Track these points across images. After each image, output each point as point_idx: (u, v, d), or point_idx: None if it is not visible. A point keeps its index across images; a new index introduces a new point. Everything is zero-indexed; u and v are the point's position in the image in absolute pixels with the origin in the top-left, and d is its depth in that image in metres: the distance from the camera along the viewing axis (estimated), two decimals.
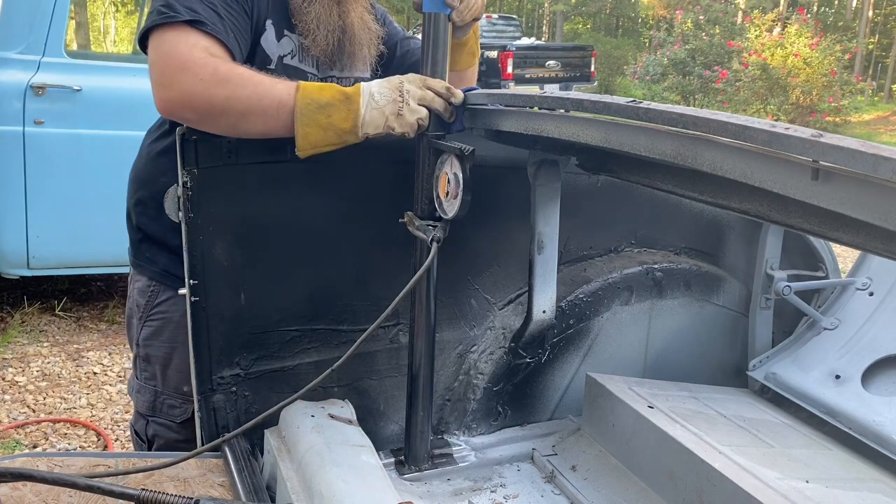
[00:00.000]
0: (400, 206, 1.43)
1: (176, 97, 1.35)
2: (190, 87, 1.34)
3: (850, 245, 0.89)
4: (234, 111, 1.34)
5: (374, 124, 1.34)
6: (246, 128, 1.37)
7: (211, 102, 1.33)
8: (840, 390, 1.70)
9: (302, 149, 1.35)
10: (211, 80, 1.33)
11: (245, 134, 1.38)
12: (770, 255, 1.84)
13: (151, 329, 1.69)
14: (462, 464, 1.58)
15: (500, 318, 1.74)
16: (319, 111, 1.34)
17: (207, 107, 1.34)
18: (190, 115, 1.36)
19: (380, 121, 1.34)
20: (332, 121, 1.34)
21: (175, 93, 1.35)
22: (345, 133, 1.35)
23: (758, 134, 0.83)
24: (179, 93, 1.34)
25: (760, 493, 1.27)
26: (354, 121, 1.34)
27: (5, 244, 3.79)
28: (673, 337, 1.82)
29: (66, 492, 1.22)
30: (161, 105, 1.39)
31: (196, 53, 1.35)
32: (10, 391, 3.51)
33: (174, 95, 1.35)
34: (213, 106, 1.34)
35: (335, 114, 1.34)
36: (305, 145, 1.35)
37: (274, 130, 1.36)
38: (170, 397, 1.68)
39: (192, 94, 1.33)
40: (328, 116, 1.34)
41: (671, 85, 16.18)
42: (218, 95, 1.33)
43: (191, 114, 1.36)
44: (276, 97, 1.34)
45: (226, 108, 1.34)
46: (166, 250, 1.62)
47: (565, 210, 1.57)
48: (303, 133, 1.34)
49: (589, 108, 1.11)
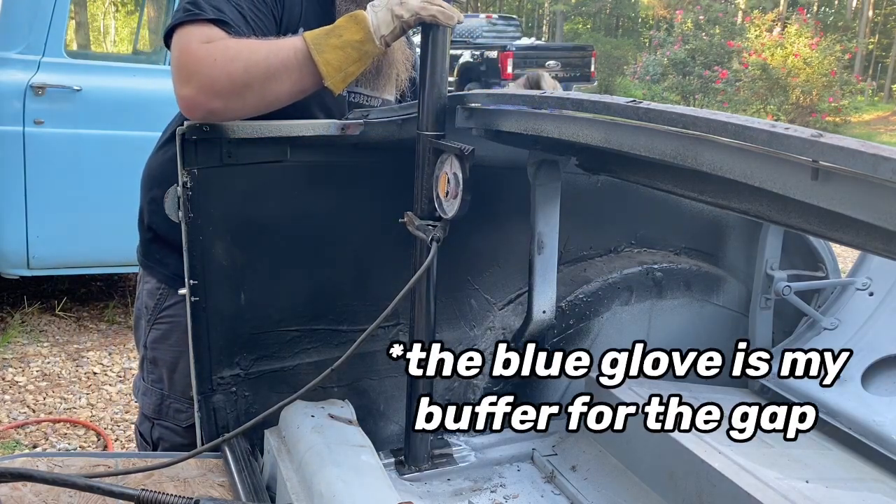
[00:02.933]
0: (400, 206, 1.43)
1: (197, 89, 1.33)
2: (207, 74, 1.32)
3: (850, 245, 0.89)
4: (257, 78, 1.33)
5: (385, 22, 1.36)
6: (275, 91, 1.36)
7: (232, 79, 1.32)
8: (840, 390, 1.70)
9: (329, 76, 1.36)
10: (224, 58, 1.32)
11: (276, 100, 1.37)
12: (770, 255, 1.84)
13: (159, 332, 1.68)
14: (462, 464, 1.58)
15: (500, 318, 1.74)
16: (330, 35, 1.36)
17: (230, 85, 1.32)
18: (217, 103, 1.34)
19: (388, 17, 1.35)
20: (345, 38, 1.35)
21: (195, 85, 1.33)
22: (362, 44, 1.36)
23: (758, 134, 0.83)
24: (199, 83, 1.33)
25: (760, 493, 1.27)
26: (366, 29, 1.36)
27: (5, 244, 3.79)
28: (673, 337, 1.81)
29: (66, 492, 1.22)
30: (185, 104, 1.36)
31: (205, 43, 1.34)
32: (10, 391, 3.51)
33: (195, 88, 1.33)
34: (235, 82, 1.32)
35: (345, 32, 1.36)
36: (330, 71, 1.35)
37: (300, 82, 1.36)
38: (176, 401, 1.68)
39: (212, 79, 1.32)
40: (339, 36, 1.36)
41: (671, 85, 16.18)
42: (236, 70, 1.32)
43: (217, 100, 1.34)
44: (289, 47, 1.35)
45: (247, 78, 1.33)
46: (177, 252, 1.57)
47: (565, 210, 1.57)
48: (323, 61, 1.35)
49: (589, 108, 1.11)
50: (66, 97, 3.76)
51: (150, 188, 1.68)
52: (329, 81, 1.36)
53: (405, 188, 1.42)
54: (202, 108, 1.35)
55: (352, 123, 1.46)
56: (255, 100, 1.36)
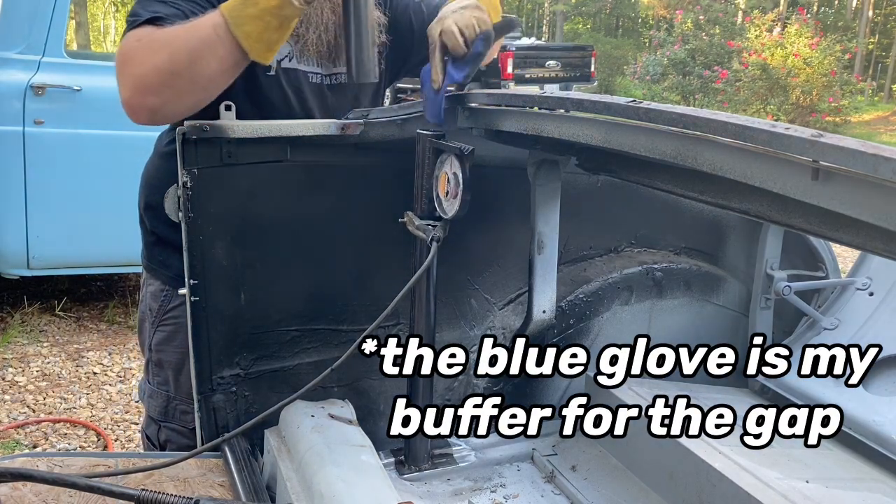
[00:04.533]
0: (400, 205, 1.43)
1: (130, 89, 1.30)
2: (136, 71, 1.29)
3: (850, 245, 0.89)
4: (182, 63, 1.29)
5: None
6: (204, 74, 1.31)
7: (159, 70, 1.29)
8: (840, 390, 1.70)
9: (252, 49, 1.30)
10: (148, 52, 1.29)
11: (208, 81, 1.32)
12: (770, 255, 1.84)
13: (164, 334, 1.67)
14: (462, 464, 1.58)
15: (500, 318, 1.74)
16: (245, 5, 1.28)
17: (158, 76, 1.29)
18: (153, 99, 1.31)
19: None
20: (262, 6, 1.28)
21: (129, 86, 1.30)
22: (280, 9, 1.28)
23: (758, 134, 0.83)
24: (131, 83, 1.30)
25: (760, 493, 1.27)
26: None
27: (5, 244, 3.80)
28: (673, 337, 1.81)
29: (66, 492, 1.21)
30: (126, 109, 1.33)
31: (133, 43, 1.31)
32: (10, 391, 3.51)
33: (129, 89, 1.30)
34: (162, 71, 1.29)
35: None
36: (252, 44, 1.29)
37: (227, 59, 1.30)
38: (182, 403, 1.67)
39: (141, 76, 1.29)
40: (255, 5, 1.28)
41: (671, 85, 16.18)
42: (161, 59, 1.28)
43: (151, 96, 1.30)
44: (207, 25, 1.29)
45: (173, 66, 1.29)
46: (180, 254, 1.57)
47: (565, 210, 1.57)
48: (243, 34, 1.28)
49: (589, 108, 1.11)
50: (66, 97, 3.76)
51: (148, 194, 1.68)
52: (253, 54, 1.31)
53: (405, 188, 1.42)
54: (142, 108, 1.33)
55: (352, 123, 1.46)
56: (188, 87, 1.31)
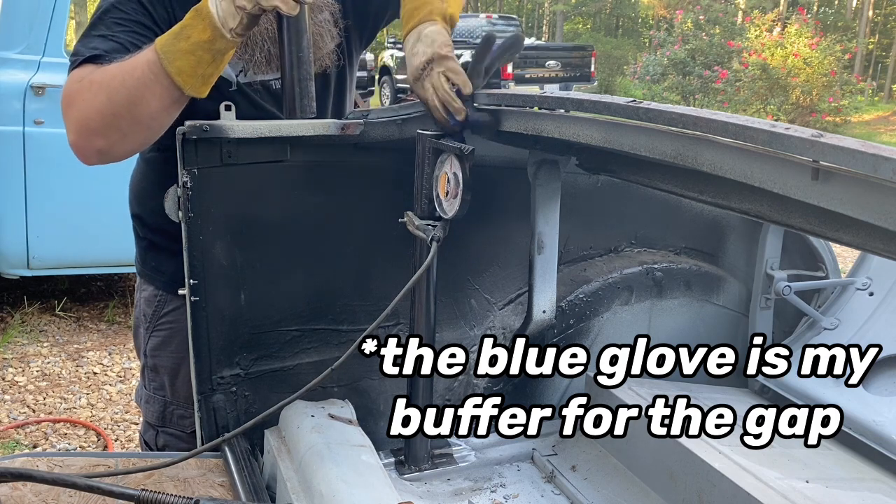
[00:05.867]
0: (400, 206, 1.43)
1: (75, 133, 1.30)
2: (78, 114, 1.28)
3: (850, 245, 0.89)
4: (121, 104, 1.27)
5: (230, 14, 1.23)
6: (145, 112, 1.28)
7: (100, 112, 1.28)
8: (840, 390, 1.70)
9: (186, 85, 1.27)
10: (88, 94, 1.28)
11: (151, 120, 1.30)
12: (770, 255, 1.84)
13: (159, 339, 1.67)
14: (462, 464, 1.58)
15: (500, 318, 1.74)
16: (177, 39, 1.26)
17: (100, 119, 1.28)
18: (99, 141, 1.30)
19: (231, 8, 1.23)
20: (193, 40, 1.25)
21: (73, 129, 1.29)
22: (212, 43, 1.25)
23: (758, 134, 0.83)
24: (75, 126, 1.29)
25: (760, 493, 1.27)
26: (213, 25, 1.24)
27: (5, 244, 3.80)
28: (673, 337, 1.81)
29: (66, 492, 1.22)
30: (75, 151, 1.32)
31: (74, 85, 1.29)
32: (10, 391, 3.51)
33: (74, 132, 1.30)
34: (104, 114, 1.28)
35: (193, 32, 1.25)
36: (186, 80, 1.26)
37: (164, 95, 1.27)
38: (179, 407, 1.67)
39: (84, 120, 1.28)
40: (187, 39, 1.25)
41: (671, 85, 16.18)
42: (101, 102, 1.27)
43: (97, 139, 1.29)
44: (142, 63, 1.27)
45: (113, 108, 1.27)
46: (174, 259, 1.53)
47: (565, 210, 1.57)
48: (175, 70, 1.25)
49: (589, 108, 1.11)
50: None
51: (134, 204, 1.69)
52: (188, 90, 1.27)
53: (405, 188, 1.42)
54: (89, 149, 1.32)
55: (352, 123, 1.46)
56: (131, 127, 1.29)
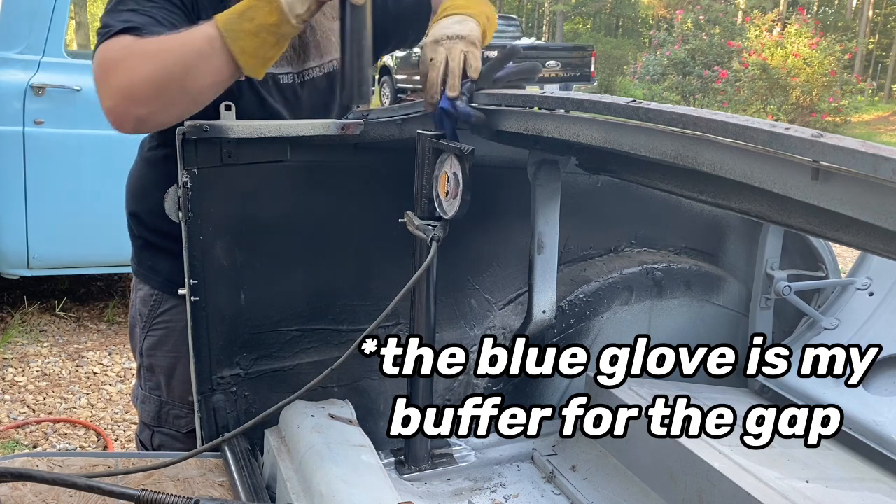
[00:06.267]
0: (400, 206, 1.44)
1: (117, 99, 1.27)
2: (124, 80, 1.26)
3: (850, 245, 0.89)
4: (175, 74, 1.26)
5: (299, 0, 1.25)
6: (196, 86, 1.28)
7: (149, 81, 1.26)
8: (840, 390, 1.70)
9: (246, 65, 1.27)
10: (138, 61, 1.26)
11: (199, 94, 1.30)
12: (770, 255, 1.84)
13: (155, 339, 1.67)
14: (462, 464, 1.58)
15: (500, 318, 1.74)
16: (242, 19, 1.26)
17: (148, 87, 1.26)
18: (140, 109, 1.28)
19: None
20: (258, 22, 1.25)
21: (114, 95, 1.27)
22: (278, 27, 1.26)
23: (758, 134, 0.83)
24: (118, 92, 1.27)
25: (760, 493, 1.27)
26: (279, 9, 1.25)
27: (5, 244, 3.80)
28: (673, 337, 1.81)
29: (66, 492, 1.22)
30: (111, 117, 1.30)
31: (116, 52, 1.28)
32: (10, 391, 3.51)
33: (115, 98, 1.27)
34: (153, 83, 1.26)
35: (258, 14, 1.25)
36: (247, 60, 1.27)
37: (220, 71, 1.28)
38: (175, 407, 1.66)
39: (129, 85, 1.26)
40: (252, 20, 1.25)
41: (671, 85, 16.19)
42: (152, 70, 1.26)
43: (140, 107, 1.28)
44: (202, 37, 1.27)
45: (165, 78, 1.26)
46: (170, 258, 1.54)
47: (565, 210, 1.57)
48: (238, 49, 1.26)
49: (589, 108, 1.11)
50: (66, 97, 3.76)
51: (131, 202, 1.68)
52: (247, 70, 1.28)
53: (405, 188, 1.43)
54: (128, 117, 1.30)
55: (352, 123, 1.46)
56: (178, 99, 1.29)
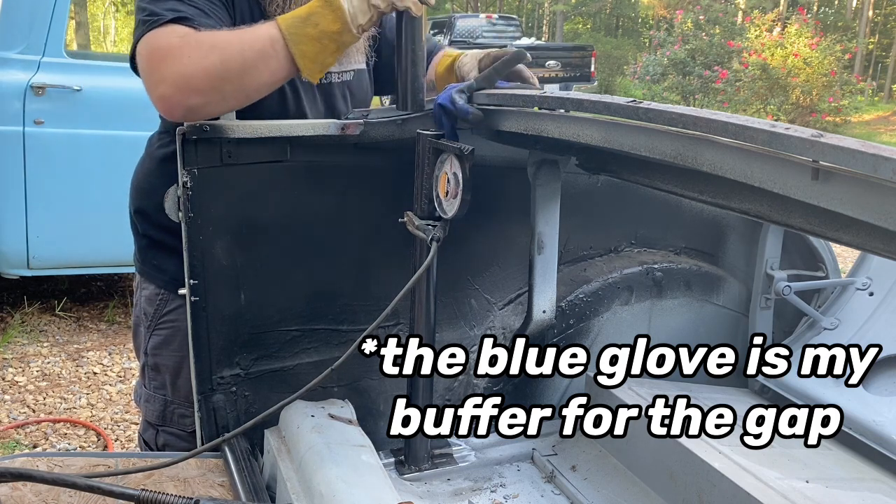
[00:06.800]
0: (400, 206, 1.44)
1: (172, 87, 1.30)
2: (181, 69, 1.29)
3: (850, 245, 0.89)
4: (234, 70, 1.30)
5: (362, 11, 1.32)
6: (253, 83, 1.33)
7: (208, 73, 1.29)
8: (840, 390, 1.70)
9: (305, 69, 1.33)
10: (198, 52, 1.29)
11: (254, 91, 1.35)
12: (770, 255, 1.84)
13: (161, 338, 1.66)
14: (462, 464, 1.58)
15: (500, 318, 1.74)
16: (305, 24, 1.31)
17: (206, 79, 1.29)
18: (195, 99, 1.30)
19: (364, 6, 1.32)
20: (321, 28, 1.31)
21: (170, 83, 1.29)
22: (340, 35, 1.32)
23: (758, 134, 0.83)
24: (174, 80, 1.29)
25: (760, 493, 1.27)
26: (342, 18, 1.31)
27: (5, 244, 3.79)
28: (673, 337, 1.81)
29: (66, 492, 1.22)
30: (162, 104, 1.33)
31: (173, 40, 1.31)
32: (10, 391, 3.51)
33: (170, 85, 1.30)
34: (212, 75, 1.29)
35: (321, 21, 1.31)
36: (307, 63, 1.32)
37: (278, 71, 1.33)
38: (180, 406, 1.66)
39: (187, 75, 1.29)
40: (315, 26, 1.31)
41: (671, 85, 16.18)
42: (212, 63, 1.29)
43: (195, 97, 1.30)
44: (264, 36, 1.31)
45: (224, 71, 1.29)
46: (176, 257, 1.53)
47: (565, 210, 1.57)
48: (299, 53, 1.31)
49: (589, 108, 1.11)
50: (66, 97, 3.76)
51: (137, 199, 1.68)
52: (305, 74, 1.34)
53: (405, 188, 1.43)
54: (181, 105, 1.32)
55: (352, 123, 1.46)
56: (233, 94, 1.33)
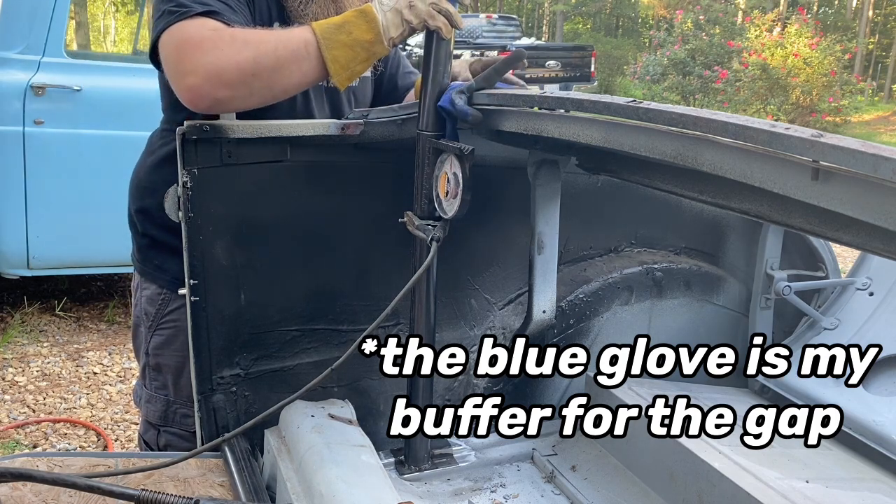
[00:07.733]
0: (400, 206, 1.44)
1: (203, 78, 1.29)
2: (214, 61, 1.29)
3: (850, 245, 0.89)
4: (266, 68, 1.31)
5: (395, 24, 1.34)
6: (283, 82, 1.34)
7: (240, 68, 1.30)
8: (840, 390, 1.70)
9: (335, 74, 1.35)
10: (231, 46, 1.30)
11: (281, 91, 1.36)
12: (770, 255, 1.84)
13: (162, 338, 1.66)
14: (462, 464, 1.58)
15: (500, 318, 1.74)
16: (340, 31, 1.34)
17: (238, 73, 1.30)
18: (223, 92, 1.31)
19: (398, 19, 1.34)
20: (355, 36, 1.34)
21: (201, 74, 1.29)
22: (372, 45, 1.35)
23: (758, 134, 0.83)
24: (205, 71, 1.29)
25: (760, 493, 1.27)
26: (377, 30, 1.34)
27: (5, 244, 3.79)
28: (673, 337, 1.82)
29: (66, 492, 1.22)
30: (189, 95, 1.32)
31: (206, 32, 1.32)
32: (10, 391, 3.51)
33: (200, 76, 1.29)
34: (243, 70, 1.30)
35: (355, 29, 1.34)
36: (337, 69, 1.35)
37: (309, 73, 1.35)
38: (182, 406, 1.66)
39: (219, 67, 1.29)
40: (349, 34, 1.34)
41: (671, 85, 16.18)
42: (245, 58, 1.30)
43: (224, 89, 1.31)
44: (298, 38, 1.33)
45: (256, 68, 1.31)
46: (177, 257, 1.53)
47: (565, 210, 1.57)
48: (331, 57, 1.33)
49: (589, 108, 1.11)
50: (66, 97, 3.76)
51: (140, 198, 1.67)
52: (335, 79, 1.36)
53: (405, 188, 1.43)
54: (208, 97, 1.32)
55: (352, 123, 1.46)
56: (262, 91, 1.34)
